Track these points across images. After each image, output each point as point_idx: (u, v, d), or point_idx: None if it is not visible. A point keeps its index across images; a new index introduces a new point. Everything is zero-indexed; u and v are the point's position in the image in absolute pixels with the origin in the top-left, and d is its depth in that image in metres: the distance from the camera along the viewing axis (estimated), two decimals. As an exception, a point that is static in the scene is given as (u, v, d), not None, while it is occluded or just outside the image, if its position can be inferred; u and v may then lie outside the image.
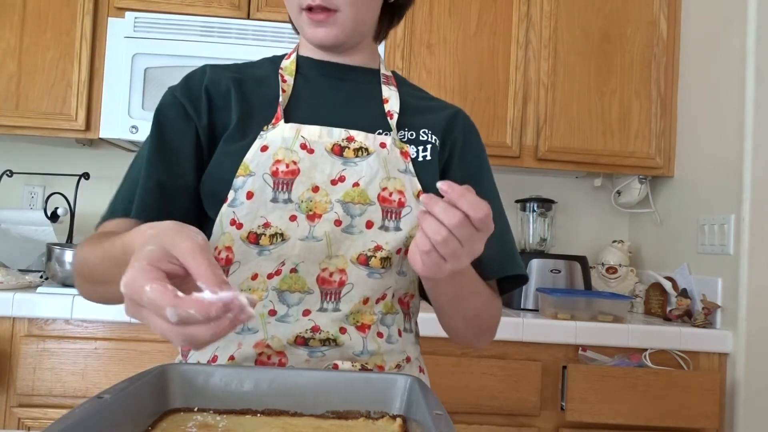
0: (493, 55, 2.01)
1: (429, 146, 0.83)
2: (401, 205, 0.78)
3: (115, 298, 0.65)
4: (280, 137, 0.76)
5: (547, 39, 2.01)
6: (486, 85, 2.01)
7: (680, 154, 2.03)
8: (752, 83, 1.70)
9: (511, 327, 1.66)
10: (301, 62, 0.86)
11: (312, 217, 0.75)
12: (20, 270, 1.96)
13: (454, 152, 0.86)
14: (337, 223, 0.76)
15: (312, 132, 0.78)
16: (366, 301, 0.78)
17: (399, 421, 0.59)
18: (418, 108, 0.88)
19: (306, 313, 0.75)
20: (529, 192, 2.27)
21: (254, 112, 0.80)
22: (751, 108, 1.69)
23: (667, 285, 1.94)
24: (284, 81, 0.82)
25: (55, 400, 1.56)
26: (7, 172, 2.01)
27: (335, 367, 0.75)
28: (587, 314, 1.76)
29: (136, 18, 1.86)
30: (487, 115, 2.00)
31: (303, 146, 0.76)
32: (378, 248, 0.77)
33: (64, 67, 1.91)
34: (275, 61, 0.88)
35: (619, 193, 2.26)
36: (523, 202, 2.20)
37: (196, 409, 0.59)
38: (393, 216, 0.78)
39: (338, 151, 0.77)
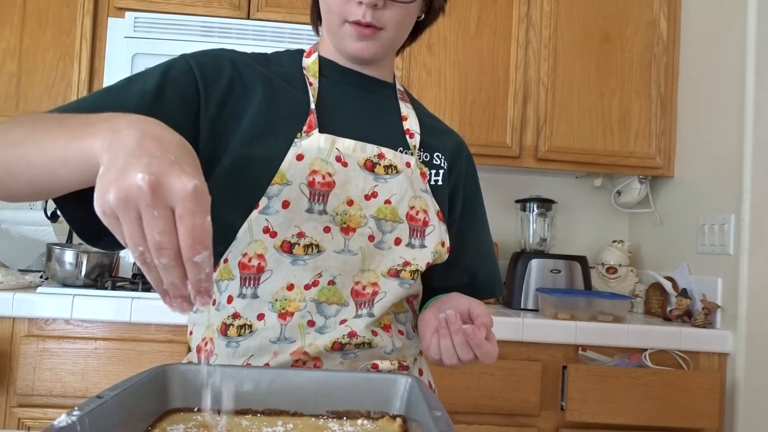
0: (493, 55, 2.01)
1: (441, 171, 0.87)
2: (425, 224, 0.81)
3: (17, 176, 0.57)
4: (315, 147, 0.76)
5: (547, 39, 2.01)
6: (486, 85, 2.01)
7: (680, 154, 2.03)
8: (752, 83, 1.69)
9: (511, 327, 1.66)
10: (324, 64, 0.84)
11: (346, 230, 0.76)
12: (20, 270, 1.96)
13: (458, 183, 0.91)
14: (371, 238, 0.77)
15: (347, 146, 0.78)
16: (393, 305, 0.80)
17: (399, 421, 0.59)
18: (429, 129, 0.90)
19: (342, 321, 0.76)
20: (529, 192, 2.27)
21: (282, 113, 0.77)
22: (751, 108, 1.69)
23: (667, 285, 1.94)
24: (310, 84, 0.81)
25: (55, 400, 1.56)
26: (7, 172, 2.00)
27: (375, 367, 0.77)
28: (587, 314, 1.76)
29: (136, 18, 1.86)
30: (487, 115, 2.00)
31: (338, 159, 0.77)
32: (407, 263, 0.79)
33: (64, 67, 1.91)
34: (295, 57, 0.86)
35: (619, 193, 2.26)
36: (523, 202, 2.20)
37: (196, 409, 0.59)
38: (418, 234, 0.80)
39: (370, 166, 0.79)
